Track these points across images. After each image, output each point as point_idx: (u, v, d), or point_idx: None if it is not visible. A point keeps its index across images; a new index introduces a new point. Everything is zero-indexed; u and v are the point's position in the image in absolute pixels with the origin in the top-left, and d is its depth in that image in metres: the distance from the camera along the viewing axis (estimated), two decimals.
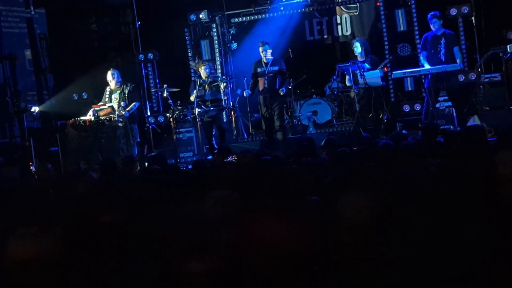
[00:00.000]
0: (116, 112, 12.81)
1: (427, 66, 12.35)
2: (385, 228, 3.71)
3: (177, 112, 13.21)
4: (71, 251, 4.38)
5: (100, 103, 13.24)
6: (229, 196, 4.60)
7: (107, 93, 13.30)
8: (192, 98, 13.15)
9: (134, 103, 13.11)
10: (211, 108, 13.05)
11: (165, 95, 13.52)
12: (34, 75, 15.77)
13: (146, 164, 10.40)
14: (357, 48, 13.16)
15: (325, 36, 15.22)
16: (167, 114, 13.68)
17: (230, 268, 3.50)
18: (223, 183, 5.03)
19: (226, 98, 13.30)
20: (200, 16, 14.81)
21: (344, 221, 3.69)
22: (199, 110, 12.87)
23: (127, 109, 12.95)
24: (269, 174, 6.12)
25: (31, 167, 12.30)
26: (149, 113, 14.86)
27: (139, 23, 15.46)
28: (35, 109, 14.31)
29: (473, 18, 13.51)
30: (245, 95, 13.10)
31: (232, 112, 13.32)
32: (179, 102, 13.39)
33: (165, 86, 13.50)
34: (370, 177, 4.89)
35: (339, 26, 15.10)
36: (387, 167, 5.68)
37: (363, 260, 3.55)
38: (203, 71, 13.26)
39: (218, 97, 13.15)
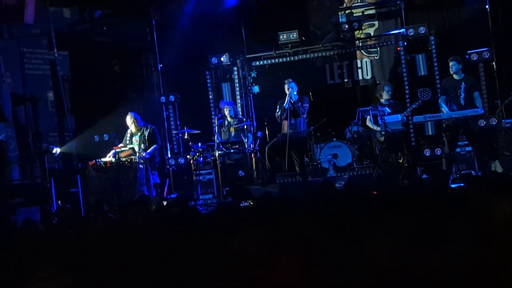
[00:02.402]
0: (137, 154, 12.89)
1: (445, 110, 12.34)
2: (411, 274, 3.68)
3: (197, 154, 13.27)
4: None
5: (121, 145, 13.33)
6: (256, 236, 4.56)
7: (128, 135, 13.42)
8: (216, 140, 13.32)
9: (154, 146, 13.20)
10: (232, 151, 13.09)
11: (185, 137, 13.61)
12: (56, 117, 15.90)
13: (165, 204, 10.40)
14: (387, 93, 13.26)
15: (346, 80, 15.29)
16: (188, 156, 13.75)
17: None
18: (243, 226, 5.00)
19: (247, 140, 13.33)
20: (222, 59, 14.92)
21: (370, 266, 3.66)
22: (220, 152, 12.91)
23: (148, 151, 13.03)
24: (290, 217, 6.06)
25: (51, 209, 12.33)
26: (169, 155, 14.93)
27: (161, 65, 15.61)
28: (57, 150, 14.38)
29: (493, 63, 13.51)
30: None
31: (252, 155, 13.33)
32: (199, 144, 13.46)
33: (185, 128, 13.60)
34: (392, 222, 4.85)
35: (360, 70, 15.17)
36: (408, 213, 5.64)
37: None
38: (227, 113, 13.45)
39: (242, 140, 13.24)
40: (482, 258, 4.20)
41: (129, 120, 13.39)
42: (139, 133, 13.30)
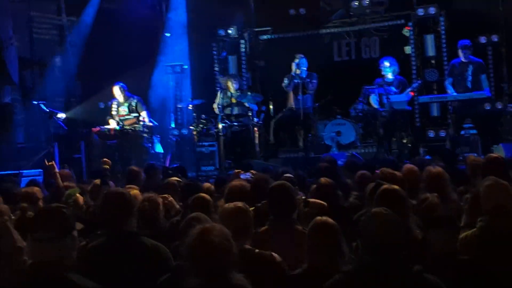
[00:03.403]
0: (141, 123, 12.84)
1: (451, 92, 12.30)
2: (409, 249, 3.74)
3: (201, 126, 13.25)
4: (88, 257, 4.42)
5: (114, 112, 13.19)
6: (241, 208, 4.58)
7: (115, 106, 13.25)
8: (216, 110, 13.25)
9: (147, 113, 13.09)
10: (235, 124, 13.08)
11: (190, 107, 13.59)
12: (62, 82, 15.88)
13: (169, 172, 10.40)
14: (386, 67, 13.05)
15: (353, 58, 15.21)
16: (191, 127, 13.73)
17: None
18: (238, 199, 5.02)
19: (251, 114, 13.31)
20: (229, 31, 14.88)
21: (368, 241, 3.70)
22: (223, 125, 12.90)
23: (147, 119, 12.94)
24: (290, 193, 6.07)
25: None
26: (173, 125, 14.92)
27: (168, 35, 15.56)
28: (62, 115, 14.35)
29: (502, 47, 13.45)
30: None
31: (256, 129, 13.32)
32: (203, 115, 13.44)
33: (190, 99, 13.58)
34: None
35: (368, 48, 15.08)
36: (411, 191, 5.68)
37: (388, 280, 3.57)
38: (231, 86, 13.36)
39: (245, 113, 13.20)
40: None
41: (117, 90, 13.16)
42: (126, 104, 13.17)
